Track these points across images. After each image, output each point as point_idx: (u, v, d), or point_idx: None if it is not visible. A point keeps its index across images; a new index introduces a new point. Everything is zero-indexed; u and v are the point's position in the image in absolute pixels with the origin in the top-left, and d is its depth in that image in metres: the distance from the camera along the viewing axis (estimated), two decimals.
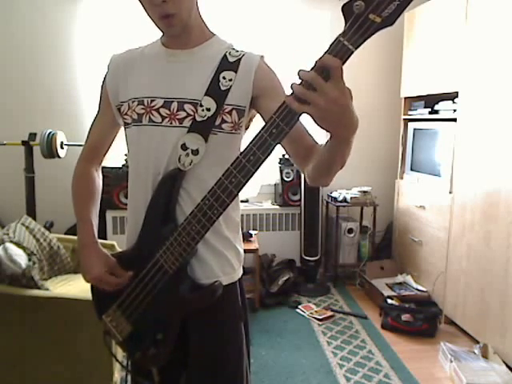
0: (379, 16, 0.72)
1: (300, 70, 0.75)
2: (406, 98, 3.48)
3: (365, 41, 0.74)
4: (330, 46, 0.75)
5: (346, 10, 0.74)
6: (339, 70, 0.73)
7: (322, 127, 0.77)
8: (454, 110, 2.84)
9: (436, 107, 3.09)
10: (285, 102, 0.79)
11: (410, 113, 3.45)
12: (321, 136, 0.92)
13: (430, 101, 3.18)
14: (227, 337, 1.10)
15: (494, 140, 2.47)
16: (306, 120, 1.02)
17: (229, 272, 1.09)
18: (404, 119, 3.51)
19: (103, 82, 1.14)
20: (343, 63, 0.74)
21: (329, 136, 0.83)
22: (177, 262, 0.97)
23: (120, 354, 1.92)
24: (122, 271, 1.06)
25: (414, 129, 3.37)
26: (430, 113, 3.15)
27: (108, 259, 1.07)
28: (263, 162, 0.85)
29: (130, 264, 1.06)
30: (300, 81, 0.75)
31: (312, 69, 0.75)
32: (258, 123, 1.07)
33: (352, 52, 0.74)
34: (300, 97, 0.74)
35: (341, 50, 0.74)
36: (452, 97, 2.88)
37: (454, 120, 2.82)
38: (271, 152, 0.84)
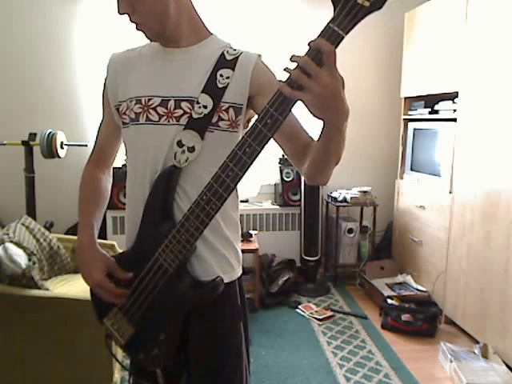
0: (367, 0, 0.71)
1: (293, 55, 0.74)
2: (405, 98, 3.49)
3: (354, 26, 0.74)
4: (321, 32, 0.74)
5: None
6: (332, 56, 0.73)
7: (314, 115, 0.78)
8: (454, 110, 2.84)
9: (436, 107, 3.09)
10: (278, 91, 0.79)
11: (410, 113, 3.45)
12: (315, 132, 0.92)
13: (430, 101, 3.18)
14: (226, 336, 1.10)
15: (493, 140, 2.47)
16: (300, 117, 1.03)
17: (228, 271, 1.09)
18: (404, 119, 3.52)
19: (104, 83, 1.15)
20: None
21: (322, 127, 0.83)
22: (176, 259, 0.97)
23: (120, 354, 1.92)
24: (122, 272, 1.05)
25: (414, 129, 3.37)
26: (430, 113, 3.15)
27: (107, 260, 1.06)
28: (259, 153, 0.85)
29: (129, 265, 1.06)
30: (294, 66, 0.75)
31: (305, 54, 0.75)
32: None
33: (342, 37, 0.74)
34: (295, 80, 0.74)
35: (331, 36, 0.73)
36: (452, 97, 2.88)
37: (454, 120, 2.82)
38: (267, 143, 0.84)
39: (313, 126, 1.01)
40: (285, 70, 0.76)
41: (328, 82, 0.73)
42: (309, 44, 0.74)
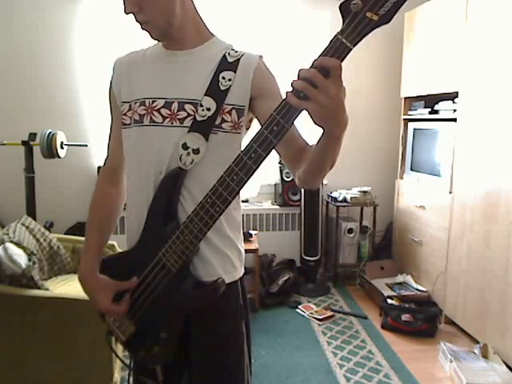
0: (376, 14, 0.73)
1: (301, 69, 0.76)
2: (406, 98, 3.49)
3: (362, 38, 0.76)
4: (329, 43, 0.76)
5: (343, 8, 0.75)
6: (338, 70, 0.75)
7: (317, 124, 0.79)
8: (454, 110, 2.84)
9: (436, 107, 3.09)
10: (285, 100, 0.80)
11: (410, 113, 3.45)
12: (312, 137, 0.93)
13: (430, 101, 3.18)
14: (228, 336, 1.11)
15: (494, 140, 2.47)
16: (296, 121, 1.03)
17: (230, 271, 1.10)
18: (404, 119, 3.52)
19: (110, 87, 1.15)
20: (342, 60, 0.75)
21: (321, 134, 0.85)
22: (179, 260, 0.98)
23: (120, 352, 1.91)
24: (125, 284, 1.06)
25: (414, 129, 3.37)
26: (430, 113, 3.15)
27: (108, 285, 1.08)
28: (264, 159, 0.86)
29: (132, 264, 1.07)
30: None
31: (311, 67, 0.76)
32: (258, 123, 1.07)
33: (350, 49, 0.75)
34: (301, 92, 0.76)
35: (339, 48, 0.75)
36: (452, 97, 2.88)
37: (454, 120, 2.82)
38: (272, 149, 0.85)
39: (309, 132, 1.01)
40: (292, 83, 0.77)
41: (333, 94, 0.75)
42: (313, 62, 0.76)
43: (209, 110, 1.01)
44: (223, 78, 1.02)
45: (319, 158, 0.90)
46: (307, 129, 1.05)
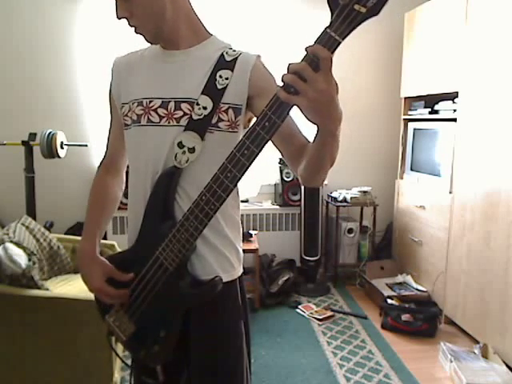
0: (364, 6, 0.72)
1: (290, 63, 0.75)
2: (406, 98, 3.49)
3: (351, 31, 0.75)
4: (318, 37, 0.75)
5: (331, 1, 0.75)
6: (329, 62, 0.74)
7: (309, 119, 0.79)
8: (454, 110, 2.84)
9: (436, 107, 3.09)
10: (275, 95, 0.80)
11: (410, 113, 3.45)
12: (312, 135, 0.93)
13: (430, 101, 3.18)
14: (227, 336, 1.11)
15: (494, 140, 2.47)
16: (297, 119, 1.03)
17: (228, 270, 1.10)
18: (404, 119, 3.52)
19: (110, 88, 1.16)
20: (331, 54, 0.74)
21: (316, 131, 0.84)
22: (176, 258, 0.98)
23: (121, 352, 1.92)
24: (122, 274, 1.06)
25: (414, 129, 3.37)
26: (430, 113, 3.15)
27: (105, 266, 1.08)
28: (257, 155, 0.86)
29: (130, 263, 1.07)
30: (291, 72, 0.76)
31: (302, 60, 0.76)
32: None
33: (339, 43, 0.75)
34: (290, 85, 0.75)
35: (328, 41, 0.74)
36: (452, 97, 2.88)
37: (454, 120, 2.82)
38: (264, 145, 0.85)
39: (310, 128, 1.01)
40: (282, 78, 0.76)
41: (323, 88, 0.74)
42: (306, 49, 0.75)
43: (205, 108, 1.01)
44: (220, 76, 1.02)
45: (317, 155, 0.90)
46: (308, 126, 1.06)
